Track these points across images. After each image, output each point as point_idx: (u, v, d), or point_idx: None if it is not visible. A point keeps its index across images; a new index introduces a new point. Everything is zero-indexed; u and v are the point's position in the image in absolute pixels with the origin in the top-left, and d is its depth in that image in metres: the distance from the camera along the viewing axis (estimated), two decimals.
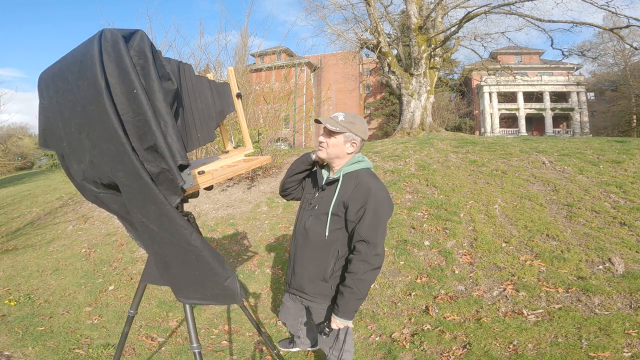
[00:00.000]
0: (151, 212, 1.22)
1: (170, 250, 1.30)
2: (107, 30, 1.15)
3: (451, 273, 3.26)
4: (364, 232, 1.61)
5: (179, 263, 1.33)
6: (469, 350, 2.33)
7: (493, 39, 13.48)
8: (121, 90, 1.13)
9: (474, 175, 5.22)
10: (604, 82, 30.17)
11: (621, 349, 2.13)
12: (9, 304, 3.39)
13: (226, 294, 1.37)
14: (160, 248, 1.31)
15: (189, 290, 1.39)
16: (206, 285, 1.36)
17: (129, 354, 2.58)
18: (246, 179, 6.48)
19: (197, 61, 7.76)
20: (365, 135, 1.79)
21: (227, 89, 1.85)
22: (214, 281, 1.34)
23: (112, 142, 1.15)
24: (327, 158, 1.78)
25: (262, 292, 3.50)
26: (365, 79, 35.70)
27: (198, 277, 1.34)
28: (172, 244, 1.27)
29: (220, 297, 1.39)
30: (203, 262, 1.31)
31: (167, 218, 1.22)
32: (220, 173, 1.60)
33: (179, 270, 1.34)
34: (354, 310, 1.68)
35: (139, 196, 1.21)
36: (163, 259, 1.34)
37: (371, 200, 1.63)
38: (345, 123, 1.72)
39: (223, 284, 1.35)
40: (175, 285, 1.40)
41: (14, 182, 15.42)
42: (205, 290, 1.37)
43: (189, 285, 1.37)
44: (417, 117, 12.02)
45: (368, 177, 1.72)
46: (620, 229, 3.50)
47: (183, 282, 1.37)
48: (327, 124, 1.72)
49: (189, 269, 1.33)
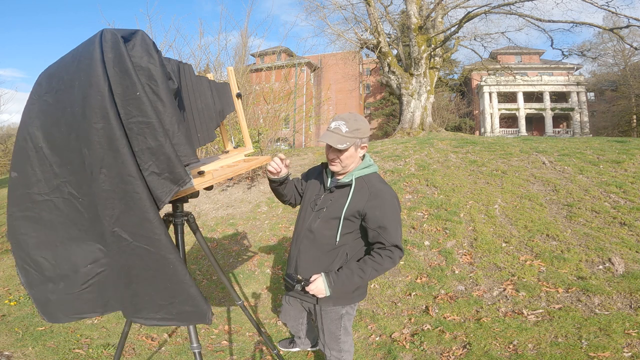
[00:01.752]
0: (130, 219, 1.18)
1: (141, 262, 1.22)
2: (107, 31, 1.15)
3: (451, 273, 3.26)
4: (393, 239, 1.63)
5: (147, 277, 1.24)
6: (469, 350, 2.33)
7: (493, 39, 13.49)
8: (122, 92, 1.12)
9: (474, 175, 5.22)
10: (604, 82, 30.16)
11: (621, 349, 2.13)
12: (9, 304, 3.39)
13: (195, 311, 1.28)
14: (127, 260, 1.23)
15: (150, 308, 1.28)
16: (175, 300, 1.27)
17: (129, 354, 2.58)
18: (246, 179, 6.48)
19: (197, 61, 7.77)
20: (369, 131, 1.78)
21: (227, 89, 1.85)
22: (186, 295, 1.26)
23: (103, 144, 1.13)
24: (343, 171, 1.74)
25: (262, 292, 3.51)
26: (365, 79, 35.69)
27: (168, 290, 1.26)
28: (146, 254, 1.21)
29: (186, 315, 1.29)
30: (178, 274, 1.24)
31: (150, 224, 1.18)
32: (220, 173, 1.60)
33: (145, 285, 1.26)
34: (345, 292, 1.69)
35: (119, 202, 1.17)
36: (127, 273, 1.25)
37: (389, 210, 1.65)
38: (350, 133, 1.65)
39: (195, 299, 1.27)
40: (134, 304, 1.29)
41: None
42: (172, 307, 1.28)
43: (152, 302, 1.28)
44: (417, 117, 12.02)
45: (380, 184, 1.72)
46: (620, 229, 3.50)
47: (146, 299, 1.27)
48: (335, 144, 1.63)
49: (160, 281, 1.25)
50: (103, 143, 1.13)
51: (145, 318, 1.30)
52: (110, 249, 1.25)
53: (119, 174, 1.15)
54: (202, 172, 1.52)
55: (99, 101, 1.11)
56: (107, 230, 1.20)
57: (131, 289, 1.27)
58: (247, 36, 8.41)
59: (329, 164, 1.76)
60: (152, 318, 1.30)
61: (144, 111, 1.13)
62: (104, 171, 1.15)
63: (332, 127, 1.68)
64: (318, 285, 1.62)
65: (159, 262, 1.22)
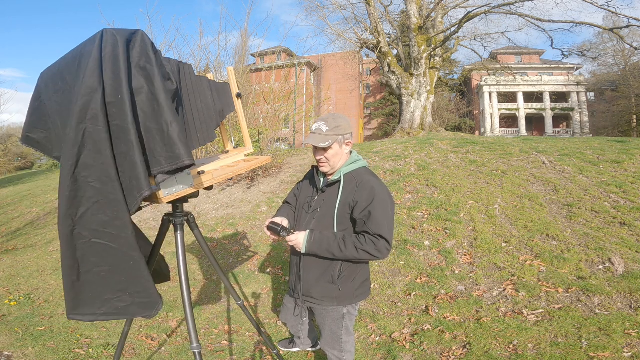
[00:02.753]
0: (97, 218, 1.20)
1: (96, 258, 1.25)
2: (107, 31, 1.15)
3: (451, 273, 3.26)
4: (376, 228, 1.62)
5: (100, 272, 1.27)
6: (469, 350, 2.33)
7: (493, 39, 13.49)
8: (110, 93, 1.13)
9: (474, 175, 5.22)
10: (604, 82, 30.15)
11: (621, 349, 2.13)
12: (9, 304, 3.39)
13: (149, 302, 1.32)
14: (81, 256, 1.25)
15: (91, 304, 1.31)
16: (125, 293, 1.31)
17: (129, 354, 2.58)
18: (246, 179, 6.48)
19: (197, 61, 7.77)
20: (351, 127, 1.79)
21: (227, 89, 1.85)
22: (141, 287, 1.31)
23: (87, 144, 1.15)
24: (332, 171, 1.78)
25: (262, 292, 3.51)
26: (365, 79, 35.67)
27: (121, 283, 1.30)
28: (104, 250, 1.24)
29: (133, 308, 1.33)
30: (138, 268, 1.28)
31: (120, 223, 1.21)
32: (220, 173, 1.60)
33: (94, 280, 1.28)
34: (316, 253, 1.68)
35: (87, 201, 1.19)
36: (76, 270, 1.26)
37: (377, 198, 1.65)
38: (331, 131, 1.70)
39: (148, 290, 1.31)
40: (74, 301, 1.30)
41: (14, 182, 15.42)
42: (119, 300, 1.31)
43: (97, 297, 1.30)
44: (417, 117, 12.02)
45: (368, 176, 1.74)
46: (620, 229, 3.50)
47: (89, 295, 1.30)
48: (318, 144, 1.69)
49: (115, 275, 1.28)
50: (85, 143, 1.15)
51: (83, 314, 1.32)
52: (63, 247, 1.25)
53: (96, 173, 1.17)
54: (202, 172, 1.52)
55: (88, 102, 1.12)
56: (66, 231, 1.21)
57: (75, 288, 1.28)
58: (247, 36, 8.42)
59: (319, 166, 1.80)
60: (92, 314, 1.32)
61: (123, 115, 1.14)
62: (77, 170, 1.17)
63: (313, 129, 1.74)
64: (298, 238, 1.67)
65: (120, 258, 1.26)
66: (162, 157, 1.20)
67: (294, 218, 1.96)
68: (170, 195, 1.40)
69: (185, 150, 1.20)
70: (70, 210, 1.19)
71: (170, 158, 1.20)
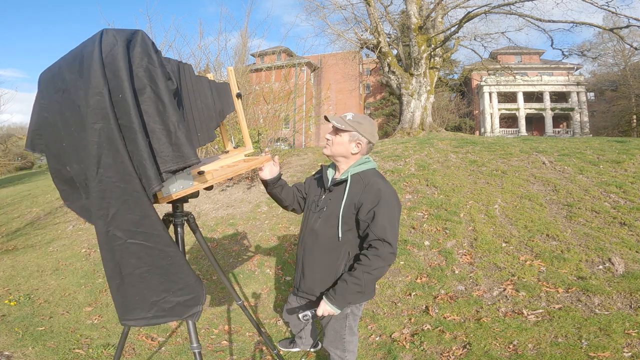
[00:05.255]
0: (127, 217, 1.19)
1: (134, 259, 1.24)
2: (107, 31, 1.15)
3: (451, 273, 3.26)
4: (380, 231, 1.60)
5: (140, 274, 1.26)
6: (469, 350, 2.33)
7: (493, 39, 13.48)
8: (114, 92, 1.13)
9: (474, 175, 5.22)
10: (604, 82, 30.15)
11: (621, 349, 2.13)
12: (9, 304, 3.39)
13: (191, 299, 1.31)
14: (120, 259, 1.24)
15: (141, 308, 1.30)
16: (169, 294, 1.30)
17: (129, 354, 2.58)
18: (246, 179, 6.48)
19: (197, 61, 7.75)
20: (373, 137, 1.78)
21: (227, 89, 1.85)
22: (182, 284, 1.30)
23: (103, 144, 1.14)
24: (331, 155, 1.80)
25: (262, 292, 3.51)
26: (365, 79, 35.68)
27: (162, 284, 1.28)
28: (141, 250, 1.23)
29: (179, 308, 1.31)
30: (177, 264, 1.27)
31: (149, 220, 1.21)
32: (220, 173, 1.60)
33: (136, 283, 1.27)
34: (349, 302, 1.67)
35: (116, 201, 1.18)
36: (118, 274, 1.26)
37: (383, 200, 1.63)
38: (352, 122, 1.73)
39: (192, 286, 1.31)
40: (124, 306, 1.30)
41: (14, 182, 15.42)
42: (165, 302, 1.30)
43: (143, 300, 1.29)
44: (417, 117, 12.02)
45: (376, 177, 1.73)
46: (620, 229, 3.50)
47: (136, 299, 1.28)
48: (333, 121, 1.73)
49: (154, 276, 1.27)
50: (102, 143, 1.14)
51: (135, 319, 1.30)
52: (102, 250, 1.25)
53: (119, 172, 1.16)
54: (202, 172, 1.52)
55: (98, 101, 1.12)
56: (101, 232, 1.21)
57: (121, 292, 1.27)
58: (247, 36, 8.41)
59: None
60: (142, 318, 1.30)
61: (126, 115, 1.14)
62: (100, 171, 1.16)
63: (341, 115, 1.79)
64: (325, 308, 1.64)
65: (156, 256, 1.24)
66: (168, 157, 1.20)
67: (293, 197, 1.96)
68: (171, 195, 1.40)
69: (192, 150, 1.21)
70: (101, 212, 1.19)
71: (177, 157, 1.20)
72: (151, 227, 1.22)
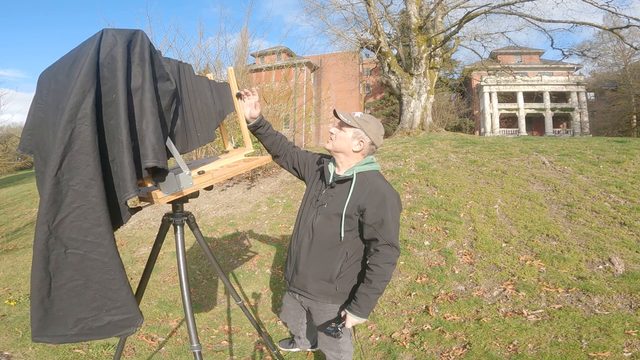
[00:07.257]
0: (77, 224, 1.12)
1: (73, 270, 1.16)
2: (107, 31, 1.15)
3: (451, 273, 3.26)
4: (388, 236, 1.63)
5: (75, 285, 1.17)
6: (469, 350, 2.33)
7: (493, 39, 13.50)
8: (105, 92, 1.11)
9: (474, 175, 5.22)
10: (604, 82, 30.14)
11: (621, 349, 2.13)
12: (9, 304, 3.39)
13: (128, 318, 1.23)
14: (57, 268, 1.15)
15: (62, 324, 1.20)
16: (101, 312, 1.21)
17: (129, 354, 2.58)
18: (246, 179, 6.48)
19: (197, 61, 7.75)
20: (377, 139, 1.76)
21: (227, 89, 1.85)
22: (120, 303, 1.21)
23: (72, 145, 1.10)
24: (332, 150, 1.79)
25: (262, 292, 3.51)
26: (365, 79, 35.68)
27: (96, 300, 1.20)
28: (81, 261, 1.15)
29: (110, 328, 1.23)
30: (117, 280, 1.19)
31: (100, 230, 1.14)
32: (220, 173, 1.60)
33: (67, 296, 1.17)
34: (372, 309, 1.73)
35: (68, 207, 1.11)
36: (49, 284, 1.16)
37: (389, 206, 1.65)
38: (358, 120, 1.73)
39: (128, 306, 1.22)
40: (45, 320, 1.19)
41: (14, 182, 15.42)
42: (94, 320, 1.21)
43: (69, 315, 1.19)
44: (417, 117, 12.02)
45: (380, 181, 1.73)
46: (620, 229, 3.50)
47: (60, 314, 1.18)
48: (340, 114, 1.74)
49: (90, 291, 1.18)
50: (71, 143, 1.09)
51: (52, 336, 1.20)
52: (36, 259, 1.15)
53: (80, 175, 1.10)
54: (202, 172, 1.52)
55: (80, 101, 1.08)
56: (40, 239, 1.12)
57: (44, 305, 1.17)
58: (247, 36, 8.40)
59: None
60: (62, 335, 1.21)
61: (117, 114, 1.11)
62: (60, 172, 1.09)
63: (351, 113, 1.80)
64: (352, 320, 1.68)
65: (98, 269, 1.17)
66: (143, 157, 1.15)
67: (284, 153, 1.96)
68: (170, 196, 1.40)
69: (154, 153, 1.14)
70: (48, 216, 1.10)
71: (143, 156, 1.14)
72: (101, 237, 1.14)
